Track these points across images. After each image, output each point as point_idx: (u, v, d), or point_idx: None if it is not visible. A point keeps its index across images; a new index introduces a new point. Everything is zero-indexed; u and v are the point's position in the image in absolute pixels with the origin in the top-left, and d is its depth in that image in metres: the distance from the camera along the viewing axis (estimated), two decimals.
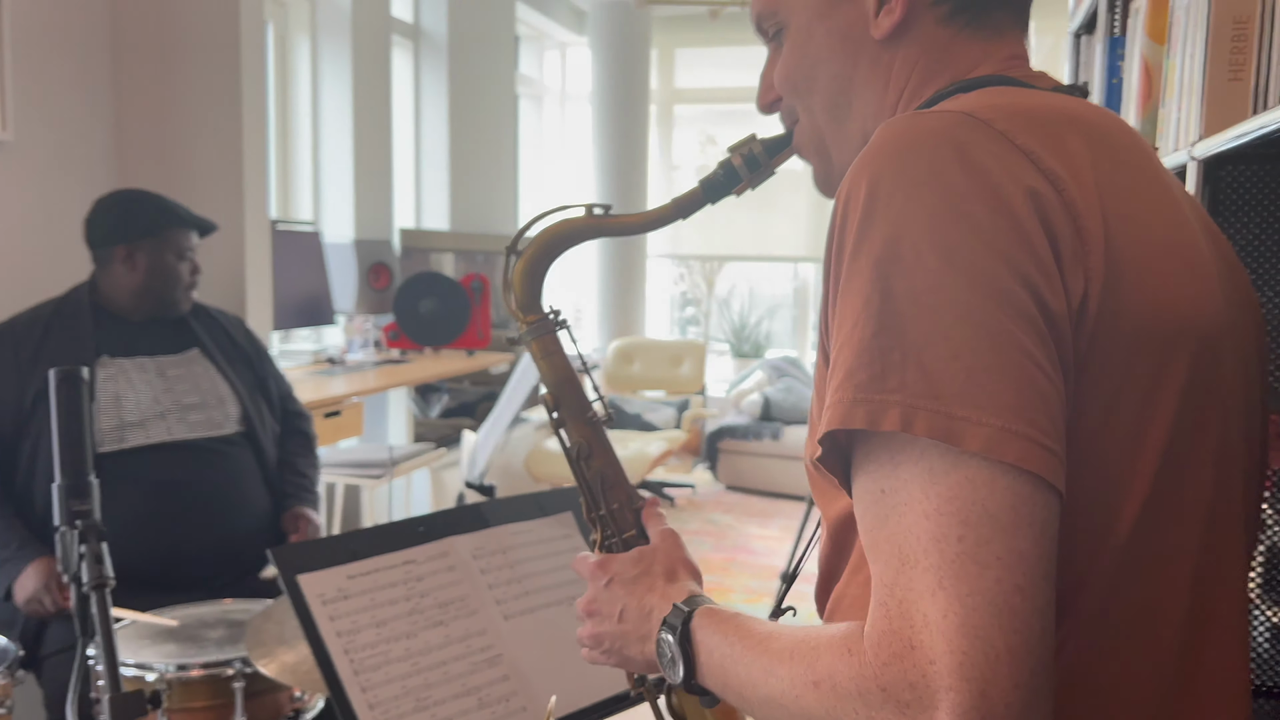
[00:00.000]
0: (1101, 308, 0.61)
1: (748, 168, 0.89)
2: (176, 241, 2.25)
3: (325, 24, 4.27)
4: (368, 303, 4.13)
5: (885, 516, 0.58)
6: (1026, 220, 0.59)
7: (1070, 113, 0.69)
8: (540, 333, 0.92)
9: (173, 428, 2.18)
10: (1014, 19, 0.78)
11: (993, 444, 0.55)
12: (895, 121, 0.66)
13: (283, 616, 1.72)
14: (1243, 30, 0.93)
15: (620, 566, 0.85)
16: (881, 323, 0.58)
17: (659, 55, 6.95)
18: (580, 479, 0.93)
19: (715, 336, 7.44)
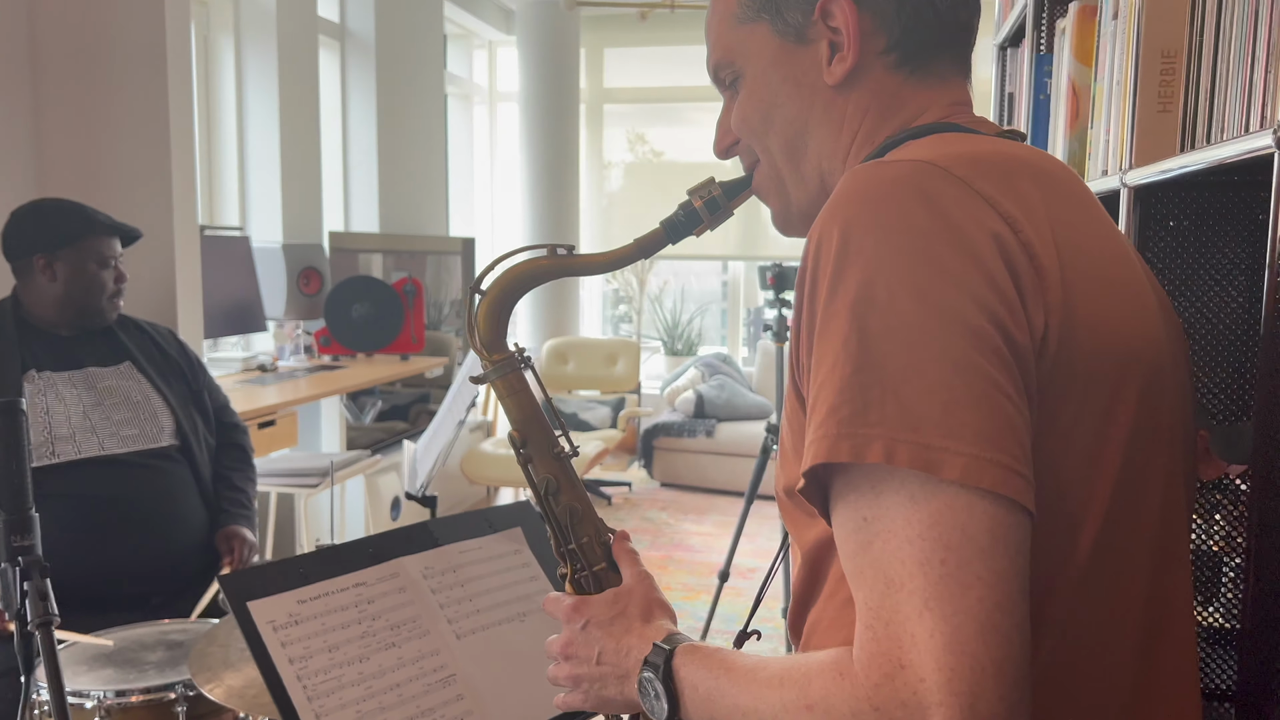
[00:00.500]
0: (1060, 339, 0.65)
1: (708, 210, 0.93)
2: (97, 249, 2.20)
3: (249, 24, 4.18)
4: (298, 308, 4.07)
5: (869, 543, 0.61)
6: (990, 261, 0.63)
7: (1018, 158, 0.73)
8: (505, 371, 0.93)
9: (105, 442, 2.13)
10: (956, 67, 0.83)
11: (970, 472, 0.59)
12: (862, 171, 0.69)
13: (226, 638, 1.70)
14: (1171, 64, 0.98)
15: (596, 610, 0.87)
16: (860, 361, 0.62)
17: (588, 54, 6.94)
18: (549, 515, 0.94)
19: (648, 334, 7.47)
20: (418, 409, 5.40)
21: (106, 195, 2.76)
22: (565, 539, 0.94)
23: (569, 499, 0.93)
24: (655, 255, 0.94)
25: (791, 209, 0.89)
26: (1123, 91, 1.14)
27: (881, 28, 0.80)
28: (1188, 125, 0.96)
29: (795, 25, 0.82)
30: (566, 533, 0.93)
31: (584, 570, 0.92)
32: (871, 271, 0.63)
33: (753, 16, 0.84)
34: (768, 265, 3.05)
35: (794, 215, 0.89)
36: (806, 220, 0.87)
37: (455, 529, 1.52)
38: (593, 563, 0.92)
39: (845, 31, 0.79)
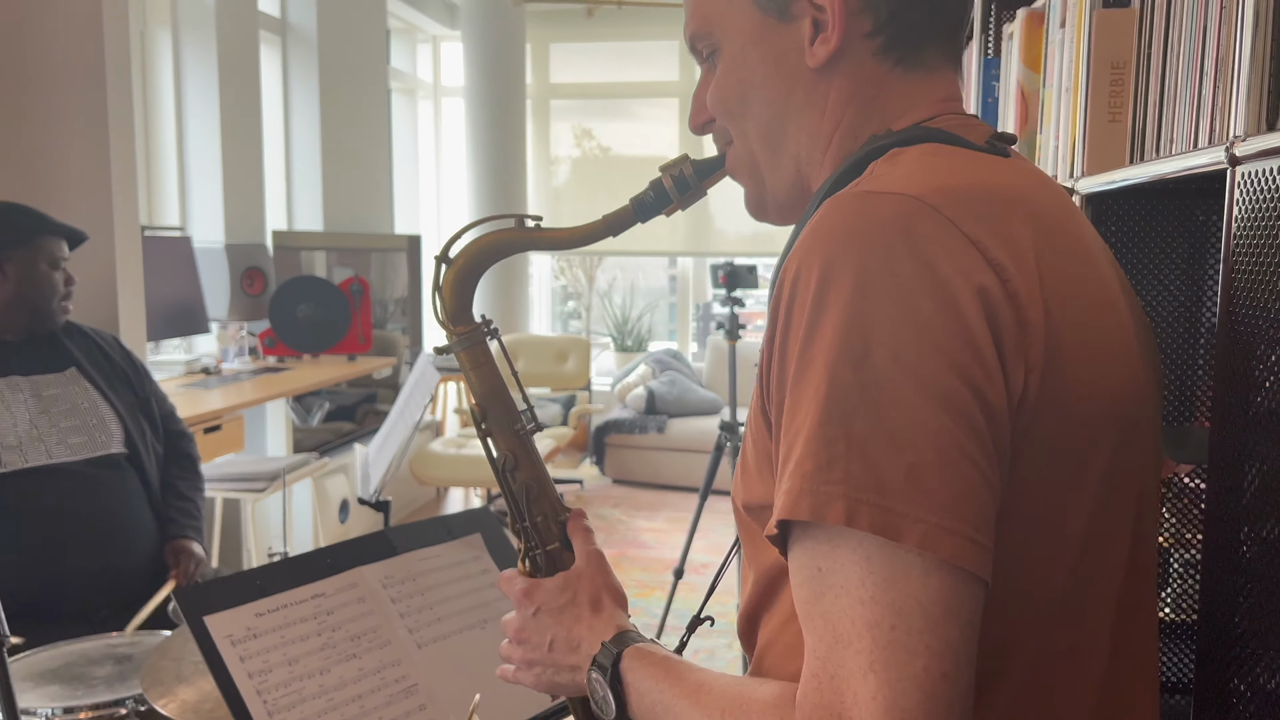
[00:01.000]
0: (1040, 394, 0.64)
1: (678, 189, 0.89)
2: (49, 250, 2.16)
3: (187, 18, 4.10)
4: (242, 309, 4.00)
5: (821, 594, 0.61)
6: (973, 319, 0.61)
7: (1013, 190, 0.70)
8: (470, 343, 0.91)
9: (52, 450, 2.08)
10: (945, 57, 0.79)
11: (928, 540, 0.58)
12: (846, 202, 0.66)
13: (179, 651, 1.66)
14: (1120, 75, 1.00)
15: (546, 595, 0.86)
16: (829, 413, 0.60)
17: (533, 50, 6.91)
18: (506, 490, 0.92)
19: (597, 331, 7.46)
20: (365, 409, 5.34)
21: (44, 196, 2.69)
22: (521, 516, 0.92)
23: (526, 476, 0.91)
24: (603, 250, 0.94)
25: (766, 195, 0.85)
26: (1072, 99, 1.17)
27: (868, 7, 0.75)
28: (1137, 135, 0.98)
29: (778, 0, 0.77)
30: (523, 510, 0.92)
31: (538, 549, 0.91)
32: (849, 319, 0.61)
33: None
34: (719, 264, 3.07)
35: (768, 202, 0.85)
36: (781, 210, 0.85)
37: (414, 537, 1.51)
38: (547, 541, 0.91)
39: (829, 9, 0.75)
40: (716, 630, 4.04)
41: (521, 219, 0.90)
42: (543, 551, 0.91)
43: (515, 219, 0.91)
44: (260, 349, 4.05)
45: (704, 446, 5.85)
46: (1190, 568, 1.31)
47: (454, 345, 0.92)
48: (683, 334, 7.33)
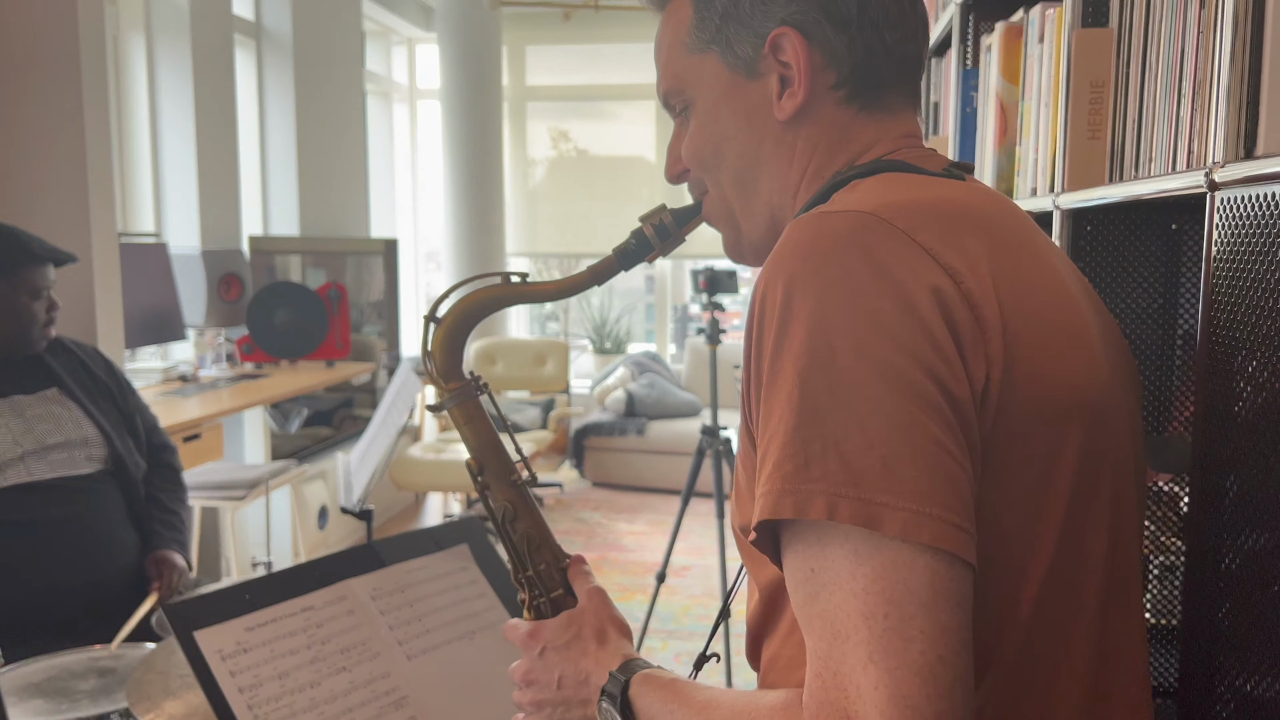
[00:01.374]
0: (1002, 389, 0.66)
1: (659, 236, 0.92)
2: (30, 280, 2.12)
3: (161, 22, 4.07)
4: (219, 316, 3.98)
5: (816, 594, 0.63)
6: (930, 316, 0.64)
7: (962, 205, 0.74)
8: (462, 399, 0.94)
9: (33, 469, 2.06)
10: (905, 99, 0.84)
11: (910, 527, 0.60)
12: (804, 223, 0.70)
13: (165, 665, 1.66)
14: (1099, 93, 1.02)
15: (551, 634, 0.88)
16: (802, 416, 0.63)
17: (509, 52, 6.90)
18: (507, 541, 0.94)
19: (575, 334, 7.46)
20: (342, 414, 5.32)
21: (20, 206, 2.67)
22: (523, 566, 0.94)
23: (526, 526, 0.94)
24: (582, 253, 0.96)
25: (743, 240, 0.89)
26: (1052, 115, 1.19)
27: (831, 63, 0.80)
28: (1116, 153, 1.00)
29: (745, 58, 0.82)
30: (524, 560, 0.94)
31: (542, 596, 0.93)
32: (813, 328, 0.64)
33: (703, 46, 0.84)
34: (699, 269, 3.08)
35: (745, 247, 0.90)
36: (758, 252, 0.89)
37: (401, 548, 1.51)
38: (550, 589, 0.93)
39: (795, 66, 0.80)
40: (699, 633, 4.05)
41: (507, 276, 0.93)
42: (547, 599, 0.93)
43: (502, 276, 0.94)
44: (238, 355, 4.02)
45: (684, 449, 5.87)
46: (1169, 572, 1.33)
47: (446, 402, 0.94)
48: (661, 336, 7.35)
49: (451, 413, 0.94)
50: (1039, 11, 1.31)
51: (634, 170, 6.97)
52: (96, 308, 2.83)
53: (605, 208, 6.98)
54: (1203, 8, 0.80)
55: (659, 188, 6.86)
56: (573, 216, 7.02)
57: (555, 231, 7.07)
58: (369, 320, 5.39)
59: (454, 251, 6.63)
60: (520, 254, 7.16)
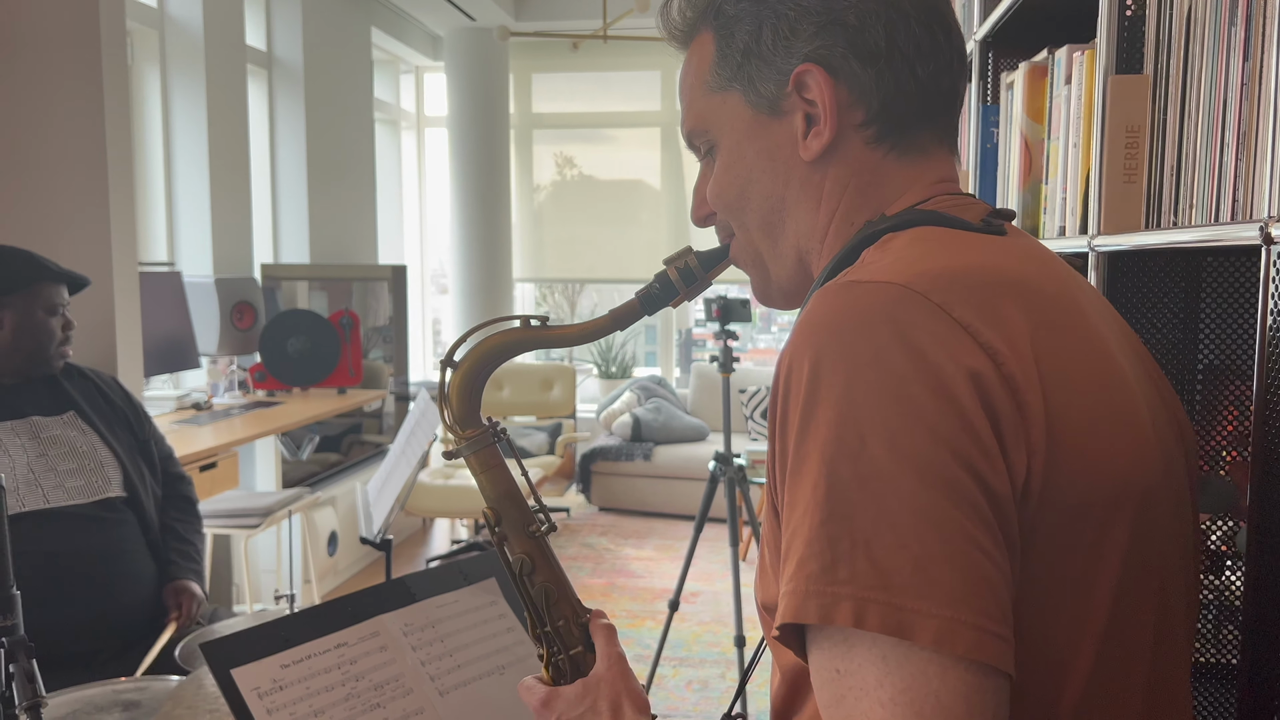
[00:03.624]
0: (1045, 481, 0.62)
1: (684, 280, 0.89)
2: (47, 297, 2.16)
3: (176, 53, 4.10)
4: (232, 344, 3.99)
5: (841, 697, 0.60)
6: (968, 403, 0.60)
7: (1003, 271, 0.69)
8: (478, 447, 0.90)
9: (50, 494, 2.07)
10: (939, 138, 0.79)
11: (944, 636, 0.56)
12: (833, 293, 0.66)
13: (193, 699, 1.66)
14: (1135, 138, 1.03)
15: (565, 705, 0.84)
16: (829, 510, 0.59)
17: (516, 80, 6.95)
18: (524, 595, 0.91)
19: (580, 358, 7.48)
20: (350, 440, 5.33)
21: (42, 236, 2.69)
22: (541, 621, 0.90)
23: (544, 579, 0.89)
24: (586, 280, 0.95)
25: (771, 284, 0.86)
26: (1083, 156, 1.20)
27: (860, 100, 0.76)
28: (1152, 198, 1.02)
29: (769, 96, 0.78)
30: (542, 615, 0.89)
31: (561, 653, 0.89)
32: (843, 413, 0.60)
33: (724, 85, 0.80)
34: (712, 298, 3.10)
35: (774, 290, 0.87)
36: (787, 296, 0.86)
37: (431, 583, 1.52)
38: (570, 645, 0.89)
39: (821, 104, 0.76)
40: (709, 660, 4.04)
41: (527, 319, 0.89)
42: (566, 656, 0.89)
43: (521, 319, 0.90)
44: (250, 383, 4.04)
45: (691, 474, 5.87)
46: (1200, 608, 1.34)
47: (463, 450, 0.90)
48: (666, 360, 7.36)
49: (468, 460, 0.90)
50: (1065, 54, 1.32)
51: (639, 196, 7.00)
52: (117, 337, 2.84)
53: (610, 232, 7.01)
54: (1246, 59, 0.82)
55: (663, 213, 6.89)
56: (578, 242, 7.05)
57: (561, 257, 7.10)
58: (375, 346, 5.41)
59: (461, 277, 6.65)
60: (526, 279, 7.19)
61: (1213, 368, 1.38)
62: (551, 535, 0.92)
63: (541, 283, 7.39)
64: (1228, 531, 1.31)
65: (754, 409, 6.21)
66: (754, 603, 0.78)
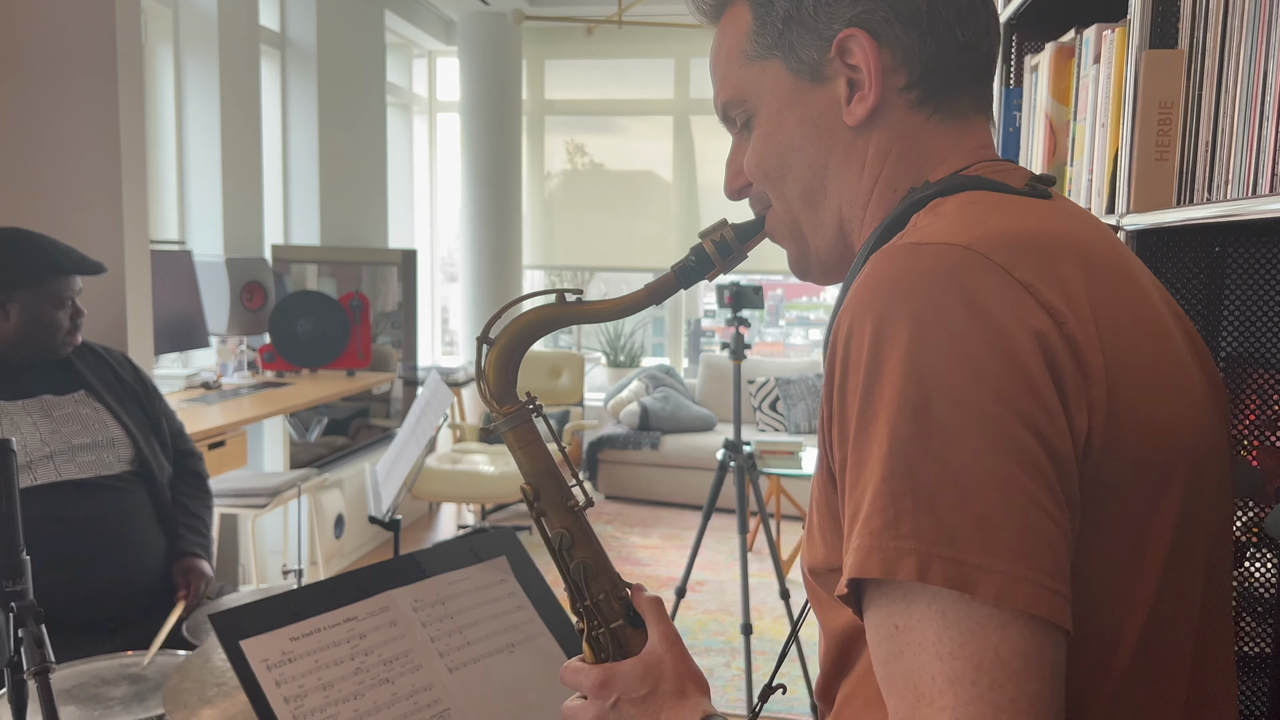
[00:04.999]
0: (1105, 439, 0.63)
1: (720, 253, 0.88)
2: (56, 292, 2.14)
3: (189, 33, 4.09)
4: (242, 324, 3.98)
5: (899, 652, 0.60)
6: (1032, 363, 0.61)
7: (1059, 233, 0.70)
8: (517, 422, 0.90)
9: (61, 468, 2.07)
10: (977, 105, 0.80)
11: (1004, 591, 0.57)
12: (893, 255, 0.66)
13: (201, 673, 1.66)
14: (1168, 114, 1.01)
15: (626, 685, 0.83)
16: (893, 467, 0.60)
17: (529, 65, 6.93)
18: (564, 570, 0.90)
19: (589, 347, 7.47)
20: (358, 423, 5.33)
21: (54, 215, 2.68)
22: (581, 596, 0.90)
23: (583, 554, 0.89)
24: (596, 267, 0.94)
25: (810, 256, 0.85)
26: (1111, 135, 1.18)
27: (903, 64, 0.76)
28: (1185, 175, 1.00)
29: (810, 63, 0.78)
30: (582, 589, 0.89)
31: (601, 627, 0.88)
32: (906, 372, 0.61)
33: (764, 54, 0.80)
34: (725, 284, 3.08)
35: (812, 262, 0.86)
36: (825, 268, 0.85)
37: (442, 559, 1.51)
38: (610, 619, 0.88)
39: (865, 69, 0.76)
40: (714, 648, 4.03)
41: (562, 294, 0.89)
42: (607, 630, 0.88)
43: (556, 294, 0.89)
44: (260, 364, 4.03)
45: (698, 463, 5.85)
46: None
47: (501, 425, 0.90)
48: (674, 350, 7.35)
49: (506, 436, 0.90)
50: (1094, 32, 1.30)
51: (650, 186, 6.98)
52: (128, 316, 2.84)
53: (620, 222, 6.99)
54: None
55: (673, 204, 6.87)
56: (588, 230, 7.04)
57: (570, 245, 7.09)
58: (384, 330, 5.40)
59: (470, 263, 6.64)
60: (536, 267, 7.17)
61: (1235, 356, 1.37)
62: None
63: (551, 270, 7.37)
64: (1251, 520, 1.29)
65: (762, 400, 6.20)
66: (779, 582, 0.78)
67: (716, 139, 6.82)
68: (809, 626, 0.96)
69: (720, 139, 6.78)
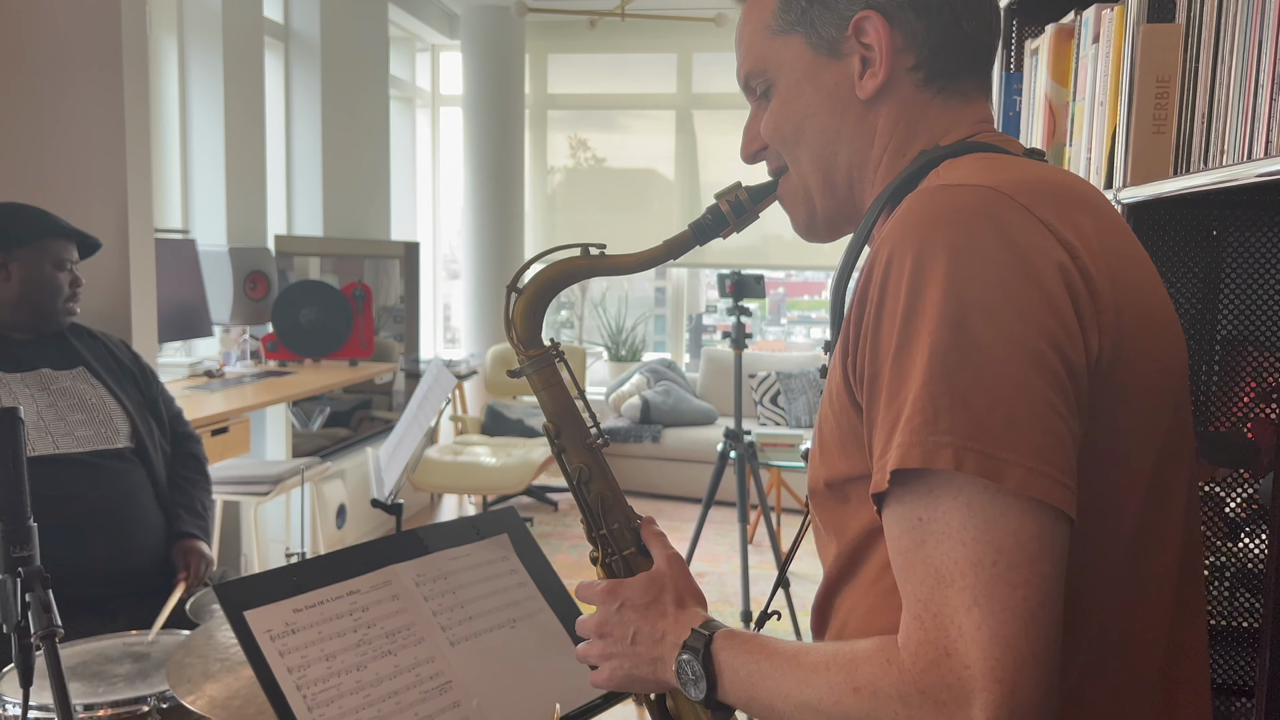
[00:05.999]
0: (1112, 359, 0.71)
1: (734, 213, 0.96)
2: (55, 251, 2.18)
3: (193, 24, 4.10)
4: (245, 313, 4.00)
5: (923, 540, 0.67)
6: (1055, 289, 0.69)
7: (1067, 185, 0.78)
8: (541, 365, 0.99)
9: (59, 441, 2.08)
10: (979, 85, 0.88)
11: (1026, 482, 0.64)
12: (929, 194, 0.74)
13: (204, 649, 1.67)
14: (1165, 88, 1.03)
15: (632, 592, 0.91)
16: (933, 373, 0.67)
17: (532, 60, 6.94)
18: (581, 502, 0.99)
19: (591, 340, 7.47)
20: (360, 415, 5.34)
21: (60, 201, 2.69)
22: (597, 524, 0.99)
23: (600, 487, 0.98)
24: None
25: (817, 217, 0.93)
26: (1109, 113, 1.19)
27: (911, 46, 0.84)
28: (1181, 148, 1.01)
29: (829, 39, 0.86)
30: (598, 519, 0.98)
31: (614, 555, 0.98)
32: (946, 294, 0.68)
33: (787, 29, 0.88)
34: (727, 274, 3.09)
35: (819, 223, 0.93)
36: (831, 226, 0.93)
37: (444, 536, 1.52)
38: (623, 547, 0.97)
39: (878, 48, 0.84)
40: None
41: (586, 248, 0.97)
42: (619, 557, 0.98)
43: (580, 248, 0.98)
44: (262, 353, 4.04)
45: (699, 456, 5.86)
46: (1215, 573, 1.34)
47: (526, 368, 0.99)
48: (676, 344, 7.35)
49: (530, 378, 0.99)
50: (1094, 12, 1.31)
51: (652, 184, 6.99)
52: (131, 302, 2.85)
53: (621, 219, 7.00)
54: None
55: (675, 201, 6.88)
56: (590, 225, 7.04)
57: (573, 239, 7.07)
58: (386, 324, 5.41)
59: (473, 258, 6.65)
60: None
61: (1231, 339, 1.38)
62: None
63: None
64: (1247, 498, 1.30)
65: (763, 394, 6.21)
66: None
67: (719, 134, 6.83)
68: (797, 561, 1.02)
69: (722, 135, 6.79)
